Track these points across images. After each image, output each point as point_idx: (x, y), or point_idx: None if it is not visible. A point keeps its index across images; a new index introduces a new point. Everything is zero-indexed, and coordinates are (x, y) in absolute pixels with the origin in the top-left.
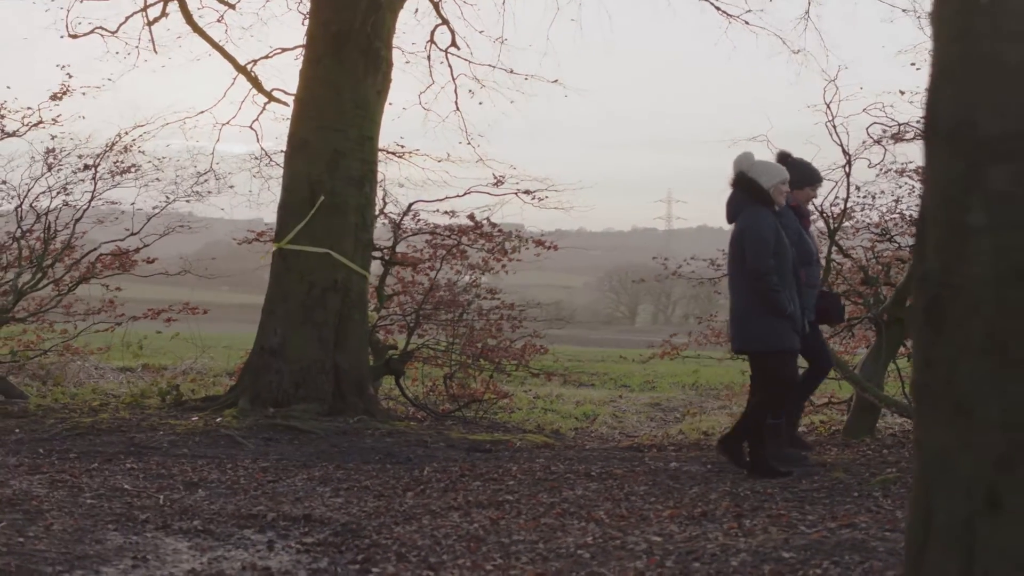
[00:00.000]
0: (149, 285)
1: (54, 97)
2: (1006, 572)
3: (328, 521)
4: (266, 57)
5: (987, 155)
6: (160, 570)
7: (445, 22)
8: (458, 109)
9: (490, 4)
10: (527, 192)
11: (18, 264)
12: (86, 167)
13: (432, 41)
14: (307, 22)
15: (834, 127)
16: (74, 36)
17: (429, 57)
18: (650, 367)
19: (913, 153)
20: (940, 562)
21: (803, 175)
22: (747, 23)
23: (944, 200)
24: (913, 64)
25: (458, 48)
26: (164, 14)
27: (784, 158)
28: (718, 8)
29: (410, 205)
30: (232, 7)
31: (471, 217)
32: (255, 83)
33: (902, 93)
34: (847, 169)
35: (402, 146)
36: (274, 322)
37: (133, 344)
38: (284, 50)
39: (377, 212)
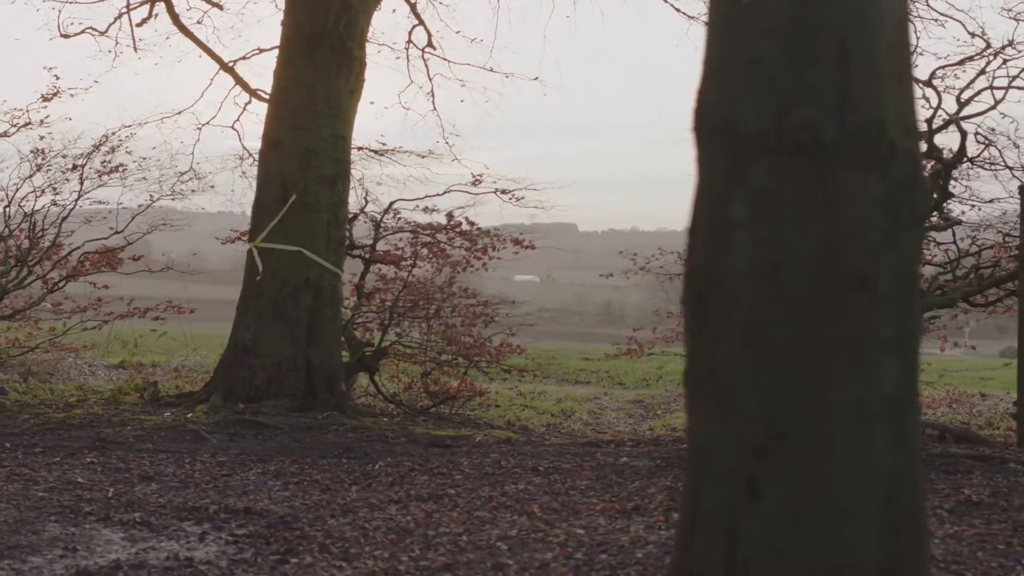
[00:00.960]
0: (159, 281)
1: (44, 98)
2: (764, 557)
3: (266, 513)
4: (243, 58)
5: (747, 152)
6: (86, 560)
7: (422, 22)
8: (435, 108)
9: (484, 4)
10: (504, 192)
11: (4, 263)
12: (74, 167)
13: (410, 41)
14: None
15: None
16: (65, 36)
17: (408, 57)
18: (657, 364)
19: None
20: (705, 548)
21: None
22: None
23: (709, 196)
24: None
25: (434, 48)
26: (152, 15)
27: None
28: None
29: (391, 203)
30: (219, 7)
31: (449, 216)
32: (241, 82)
33: None
34: None
35: (383, 144)
36: (247, 319)
37: (129, 342)
38: (262, 50)
39: (358, 211)
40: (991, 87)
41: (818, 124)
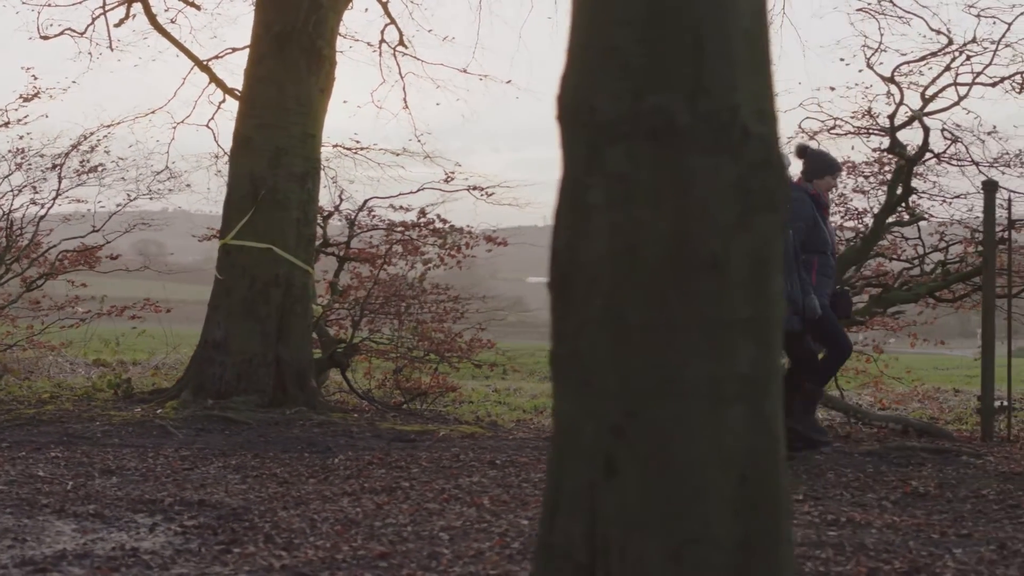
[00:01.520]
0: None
1: (24, 99)
2: (622, 534)
3: (220, 506)
4: (217, 57)
5: (604, 137)
6: (34, 550)
7: (393, 21)
8: (406, 106)
9: (464, 7)
10: (478, 188)
11: None
12: (53, 166)
13: (383, 40)
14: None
15: None
16: (45, 38)
17: (380, 54)
18: None
19: (846, 147)
20: (567, 527)
21: (823, 165)
22: None
23: (571, 182)
24: (842, 59)
25: (406, 47)
26: (129, 16)
27: (802, 151)
28: None
29: (365, 201)
30: (196, 7)
31: (422, 212)
32: (216, 80)
33: (832, 89)
34: None
35: (357, 142)
36: (218, 316)
37: (110, 341)
38: (235, 49)
39: (332, 208)
40: (955, 83)
41: (671, 109)
